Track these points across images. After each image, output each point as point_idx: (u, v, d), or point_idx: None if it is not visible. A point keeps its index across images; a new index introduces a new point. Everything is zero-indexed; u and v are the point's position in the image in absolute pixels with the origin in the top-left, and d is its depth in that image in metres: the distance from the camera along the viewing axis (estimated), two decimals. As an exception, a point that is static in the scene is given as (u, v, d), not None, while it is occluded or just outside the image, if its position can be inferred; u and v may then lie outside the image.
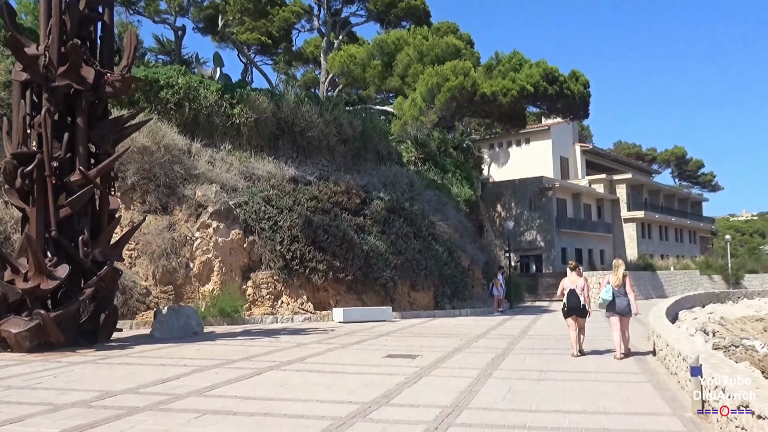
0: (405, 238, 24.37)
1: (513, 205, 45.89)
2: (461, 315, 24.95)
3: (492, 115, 34.28)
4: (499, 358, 12.14)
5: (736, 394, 5.56)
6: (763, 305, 35.41)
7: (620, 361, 11.60)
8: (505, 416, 7.21)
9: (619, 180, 55.84)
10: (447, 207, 29.87)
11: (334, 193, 23.27)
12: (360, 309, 21.48)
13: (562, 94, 32.41)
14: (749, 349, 18.99)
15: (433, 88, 26.77)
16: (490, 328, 18.92)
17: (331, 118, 25.62)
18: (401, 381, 9.37)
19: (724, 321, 25.62)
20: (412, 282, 24.36)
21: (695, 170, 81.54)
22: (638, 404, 7.88)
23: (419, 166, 33.58)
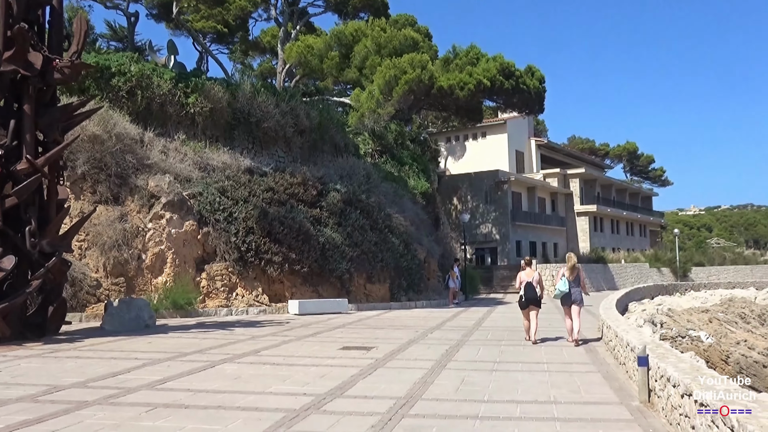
0: (361, 231, 24.36)
1: (469, 198, 46.25)
2: (417, 307, 25.09)
3: (449, 108, 34.47)
4: (453, 349, 12.24)
5: (680, 383, 5.71)
6: (708, 297, 36.39)
7: (571, 352, 11.84)
8: (459, 407, 7.29)
9: (573, 174, 56.76)
10: (404, 199, 29.95)
11: (291, 184, 23.10)
12: (316, 301, 21.41)
13: (518, 88, 32.75)
14: (695, 340, 19.53)
15: (390, 81, 26.77)
16: (445, 320, 19.06)
17: (287, 108, 25.41)
18: (356, 373, 9.39)
19: (672, 312, 26.21)
20: (368, 274, 24.38)
21: (646, 165, 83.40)
22: (588, 393, 8.05)
23: (376, 158, 33.59)
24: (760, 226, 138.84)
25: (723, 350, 19.13)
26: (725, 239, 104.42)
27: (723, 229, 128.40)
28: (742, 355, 18.92)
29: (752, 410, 4.25)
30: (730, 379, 9.32)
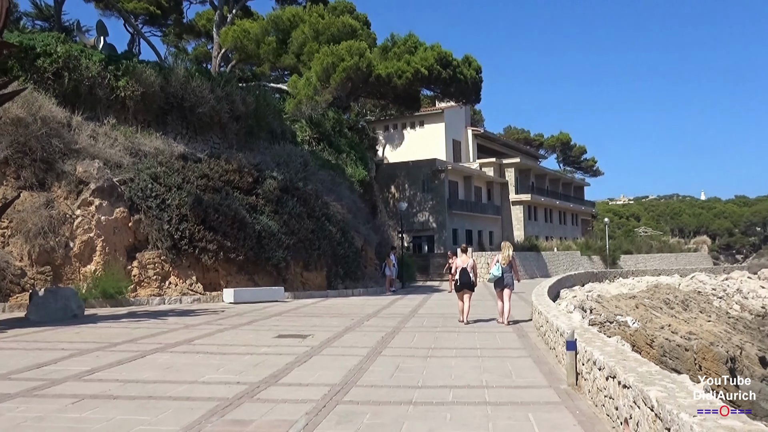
0: (298, 218, 24.19)
1: (407, 186, 46.51)
2: (354, 295, 25.13)
3: (387, 96, 34.48)
4: (389, 336, 12.32)
5: (605, 366, 5.90)
6: (636, 284, 37.74)
7: (504, 338, 12.09)
8: (393, 393, 7.35)
9: (508, 164, 57.76)
10: (341, 187, 29.88)
11: (226, 171, 22.71)
12: (251, 289, 21.19)
13: (456, 78, 33.01)
14: (622, 325, 20.25)
15: (328, 68, 26.59)
16: (382, 308, 19.15)
17: (223, 94, 24.93)
18: (291, 361, 9.35)
19: (601, 299, 27.09)
20: (305, 262, 24.26)
21: (578, 156, 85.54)
22: (518, 378, 8.23)
23: (314, 145, 33.36)
24: (685, 215, 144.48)
25: (648, 335, 19.90)
26: (652, 228, 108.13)
27: (650, 219, 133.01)
28: (666, 339, 19.73)
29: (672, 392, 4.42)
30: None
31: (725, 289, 38.02)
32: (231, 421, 6.07)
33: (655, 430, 4.22)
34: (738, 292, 37.56)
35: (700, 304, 31.45)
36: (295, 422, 5.98)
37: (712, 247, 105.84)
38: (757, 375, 20.51)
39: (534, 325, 13.28)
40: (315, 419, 6.13)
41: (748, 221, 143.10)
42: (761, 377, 20.46)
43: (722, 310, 31.50)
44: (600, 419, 6.06)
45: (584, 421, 6.01)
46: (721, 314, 30.07)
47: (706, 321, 26.10)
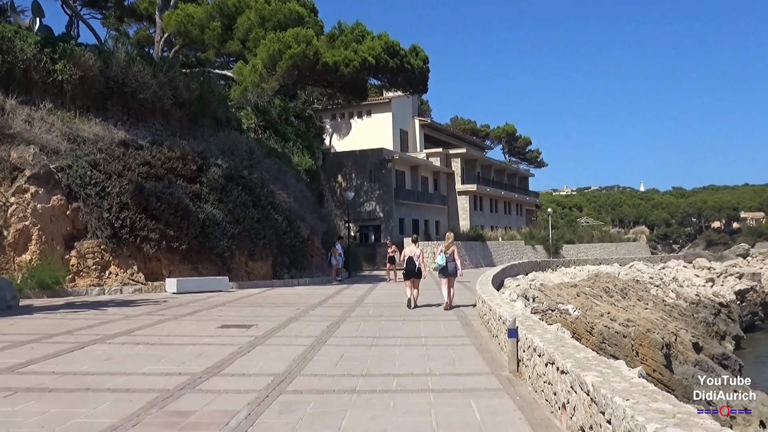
0: (243, 207, 23.89)
1: (354, 176, 46.44)
2: (300, 284, 25.00)
3: (334, 85, 34.27)
4: (334, 325, 12.31)
5: (544, 352, 6.02)
6: (577, 273, 38.62)
7: (448, 326, 12.22)
8: (337, 381, 7.36)
9: (455, 154, 58.23)
10: (287, 176, 29.63)
11: (169, 158, 22.24)
12: (195, 279, 20.87)
13: (403, 68, 33.04)
14: (563, 313, 20.72)
15: (274, 55, 26.23)
16: (328, 297, 19.13)
17: (166, 80, 24.36)
18: (234, 351, 9.25)
19: (544, 287, 27.62)
20: (250, 251, 24.00)
21: (523, 147, 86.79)
22: (462, 365, 8.33)
23: (259, 133, 32.95)
24: (625, 206, 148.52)
25: (588, 322, 20.44)
26: (594, 218, 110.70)
27: (592, 209, 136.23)
28: (605, 327, 20.29)
29: (608, 377, 4.53)
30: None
31: (662, 277, 39.27)
32: (171, 412, 5.98)
33: (590, 414, 4.33)
34: (674, 281, 38.85)
35: (638, 292, 32.43)
36: (237, 412, 5.93)
37: (650, 237, 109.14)
38: (691, 360, 21.28)
39: (478, 313, 13.46)
40: (257, 409, 6.09)
41: (684, 212, 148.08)
42: (694, 362, 21.24)
43: (659, 298, 32.55)
44: (539, 404, 6.19)
45: (524, 406, 6.13)
46: (657, 302, 31.07)
47: (644, 309, 26.94)
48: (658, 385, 17.22)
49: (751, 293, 40.97)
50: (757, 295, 41.66)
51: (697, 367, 20.98)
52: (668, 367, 19.15)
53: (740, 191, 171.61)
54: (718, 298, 35.69)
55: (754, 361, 28.17)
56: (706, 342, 25.48)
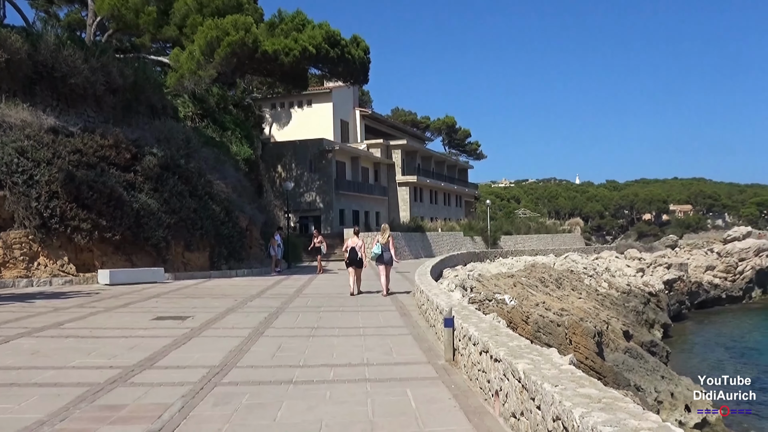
0: (180, 197, 23.41)
1: (294, 166, 46.07)
2: (238, 275, 24.70)
3: (274, 74, 33.81)
4: (272, 317, 12.22)
5: (479, 341, 6.12)
6: (514, 263, 39.27)
7: (387, 317, 12.29)
8: (274, 372, 7.32)
9: (395, 145, 58.40)
10: (225, 166, 29.16)
11: (101, 146, 21.57)
12: (129, 270, 20.37)
13: (344, 58, 32.84)
14: (500, 303, 21.06)
15: (212, 42, 25.70)
16: (267, 288, 18.96)
17: (98, 65, 23.56)
18: (169, 343, 9.09)
19: (482, 278, 28.00)
20: (187, 242, 23.56)
21: (463, 139, 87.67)
22: (399, 355, 8.40)
23: (197, 122, 32.30)
24: (561, 198, 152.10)
25: (524, 311, 20.84)
26: (531, 210, 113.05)
27: (529, 201, 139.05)
28: (540, 316, 20.74)
29: (539, 364, 4.63)
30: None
31: (595, 268, 40.36)
32: (101, 406, 5.84)
33: (521, 400, 4.42)
34: (606, 271, 39.99)
35: (572, 282, 33.28)
36: (170, 405, 5.83)
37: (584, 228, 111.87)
38: (621, 348, 22.00)
39: (416, 303, 13.57)
40: (192, 402, 6.00)
41: (617, 204, 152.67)
42: (624, 350, 21.97)
43: (592, 287, 33.47)
44: (474, 392, 6.29)
45: (459, 394, 6.22)
46: (591, 292, 31.97)
47: (578, 298, 27.68)
48: (590, 372, 17.74)
49: (679, 283, 42.57)
50: (684, 285, 43.34)
51: (627, 354, 21.70)
52: (600, 355, 19.74)
53: (669, 185, 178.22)
54: (647, 288, 36.92)
55: (680, 348, 29.34)
56: (636, 330, 26.38)
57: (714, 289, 46.81)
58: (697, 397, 19.01)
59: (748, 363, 25.82)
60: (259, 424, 5.38)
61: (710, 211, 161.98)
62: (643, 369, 20.95)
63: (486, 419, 5.38)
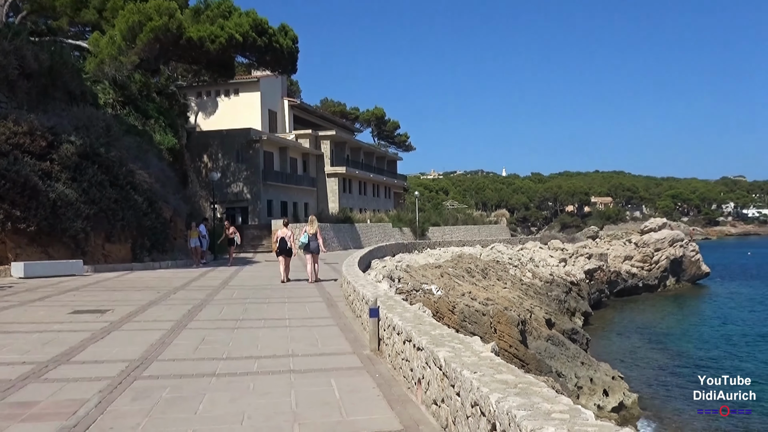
0: (100, 187, 22.61)
1: (220, 156, 45.18)
2: (162, 267, 24.07)
3: (199, 61, 33.05)
4: (196, 309, 12.00)
5: (402, 330, 6.17)
6: (442, 254, 39.76)
7: (313, 308, 12.28)
8: (196, 365, 7.20)
9: (324, 136, 58.08)
10: (148, 155, 28.36)
11: (14, 133, 20.56)
12: (45, 263, 19.56)
13: (271, 46, 32.40)
14: (427, 293, 21.30)
15: (134, 27, 24.89)
16: (191, 280, 18.59)
17: (11, 48, 22.43)
18: (86, 337, 8.82)
19: (410, 268, 28.22)
20: (108, 233, 22.80)
21: (392, 131, 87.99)
22: (324, 346, 8.39)
23: (118, 109, 31.27)
24: (488, 190, 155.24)
25: (450, 301, 21.15)
26: (459, 201, 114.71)
27: (457, 193, 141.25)
28: (466, 306, 21.10)
29: (459, 352, 4.71)
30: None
31: (520, 258, 41.28)
32: (12, 403, 5.62)
33: (442, 387, 4.49)
34: (531, 261, 40.99)
35: (497, 272, 33.96)
36: (86, 401, 5.66)
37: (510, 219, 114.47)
38: (544, 336, 22.65)
39: (343, 294, 13.58)
40: (109, 397, 5.85)
41: (542, 196, 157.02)
42: (547, 337, 22.63)
43: (517, 277, 34.25)
44: (397, 381, 6.35)
45: (383, 383, 6.27)
46: (515, 281, 32.71)
47: (503, 288, 28.28)
48: (513, 360, 18.17)
49: (599, 272, 44.07)
50: (604, 274, 44.89)
51: (549, 342, 22.37)
52: (523, 343, 20.25)
53: (591, 178, 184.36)
54: (569, 277, 38.07)
55: (600, 335, 30.43)
56: (558, 318, 27.19)
57: (632, 278, 48.64)
58: (614, 381, 19.82)
59: (661, 348, 27.02)
60: (179, 417, 5.29)
61: (629, 203, 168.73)
62: (565, 356, 21.62)
63: (408, 407, 5.44)
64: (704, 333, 30.72)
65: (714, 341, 28.42)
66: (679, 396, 19.61)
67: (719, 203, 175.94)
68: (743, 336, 29.36)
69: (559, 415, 2.97)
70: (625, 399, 18.92)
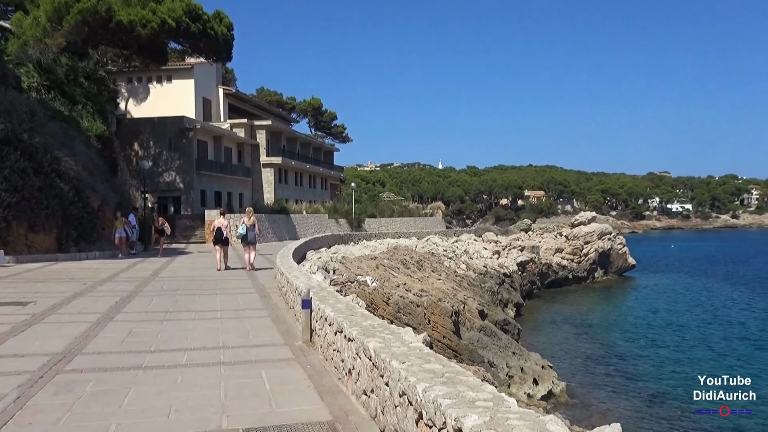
0: (22, 174, 21.69)
1: (152, 144, 44.01)
2: (89, 258, 23.31)
3: (130, 46, 32.09)
4: (124, 301, 11.70)
5: (334, 321, 6.16)
6: (378, 246, 39.87)
7: (246, 299, 12.15)
8: (123, 358, 7.02)
9: (260, 126, 57.33)
10: (75, 142, 27.37)
11: (-70, 117, 19.56)
12: (-38, 253, 18.71)
13: (206, 33, 31.73)
14: (362, 284, 21.34)
15: (60, 8, 23.97)
16: (120, 271, 18.10)
17: (-75, 26, 21.32)
18: (6, 330, 8.50)
19: (345, 260, 28.20)
20: (31, 223, 21.91)
21: (329, 121, 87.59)
22: (256, 337, 8.31)
23: (43, 94, 30.03)
24: (424, 183, 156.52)
25: (385, 293, 21.25)
26: (395, 194, 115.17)
27: (394, 185, 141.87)
28: (401, 297, 21.24)
29: (389, 342, 4.73)
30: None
31: (455, 250, 41.78)
32: None
33: (372, 378, 4.50)
34: (465, 253, 41.55)
35: (432, 264, 34.32)
36: (4, 396, 5.46)
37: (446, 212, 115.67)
38: (476, 326, 23.02)
39: (277, 285, 13.47)
40: (29, 391, 5.65)
41: (477, 189, 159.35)
42: (479, 328, 23.01)
43: (451, 269, 34.70)
44: (329, 372, 6.34)
45: (314, 374, 6.25)
46: (450, 273, 33.14)
47: (437, 279, 28.59)
48: (446, 350, 18.39)
49: (531, 264, 45.03)
50: (536, 266, 45.92)
51: (482, 333, 22.75)
52: (457, 333, 20.54)
53: (525, 171, 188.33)
54: (502, 269, 38.78)
55: (531, 325, 31.13)
56: (491, 309, 27.68)
57: (562, 270, 49.88)
58: (543, 371, 20.33)
59: (589, 338, 27.84)
60: (103, 411, 5.15)
61: (561, 197, 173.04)
62: (496, 346, 22.03)
63: (339, 398, 5.44)
64: (630, 323, 31.81)
65: (639, 331, 29.47)
66: (605, 384, 20.27)
67: (645, 198, 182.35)
68: (667, 325, 30.55)
69: (483, 403, 3.02)
70: (554, 387, 19.41)
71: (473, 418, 2.80)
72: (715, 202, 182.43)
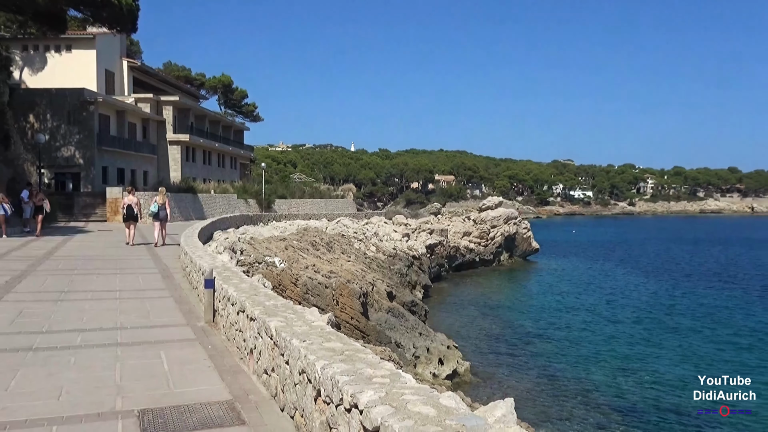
0: None
1: (49, 116, 41.74)
2: (-22, 236, 21.99)
3: (25, 11, 30.25)
4: (15, 280, 11.11)
5: (237, 301, 6.06)
6: (287, 227, 39.52)
7: (147, 279, 11.81)
8: (11, 340, 6.69)
9: (167, 101, 55.42)
10: (-37, 112, 25.64)
11: None
12: None
13: (109, 2, 30.30)
14: (270, 265, 21.11)
15: (-53, -33, 22.27)
16: (11, 250, 17.17)
17: None
18: None
19: (254, 241, 27.77)
20: None
21: (240, 100, 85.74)
22: (157, 318, 8.07)
23: (-73, 59, 27.95)
24: (336, 165, 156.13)
25: (294, 274, 21.13)
26: (307, 175, 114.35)
27: (306, 166, 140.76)
28: (309, 278, 21.17)
29: (291, 322, 4.68)
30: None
31: (365, 232, 41.97)
32: None
33: (273, 357, 4.46)
34: (375, 236, 41.79)
35: (342, 246, 34.33)
36: None
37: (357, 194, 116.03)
38: (385, 308, 23.25)
39: (181, 266, 13.14)
40: None
41: (388, 173, 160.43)
42: (387, 309, 23.25)
43: (361, 251, 34.82)
44: (230, 352, 6.24)
45: (215, 355, 6.14)
46: (359, 255, 33.25)
47: (347, 261, 28.65)
48: (354, 331, 18.50)
49: (439, 247, 45.83)
50: (444, 249, 46.77)
51: (390, 314, 23.00)
52: (365, 315, 20.68)
53: (436, 156, 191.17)
54: (411, 252, 39.28)
55: (438, 307, 31.74)
56: (399, 291, 28.01)
57: (469, 253, 50.99)
58: (449, 351, 20.80)
59: (494, 319, 28.70)
60: (-15, 395, 4.86)
61: (470, 182, 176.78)
62: (404, 327, 22.33)
63: (240, 377, 5.37)
64: (532, 305, 32.99)
65: (541, 313, 30.62)
66: (507, 363, 20.96)
67: (550, 185, 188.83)
68: (566, 307, 31.87)
69: (380, 380, 3.04)
70: (458, 367, 19.88)
71: (369, 393, 2.82)
72: (614, 189, 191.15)
